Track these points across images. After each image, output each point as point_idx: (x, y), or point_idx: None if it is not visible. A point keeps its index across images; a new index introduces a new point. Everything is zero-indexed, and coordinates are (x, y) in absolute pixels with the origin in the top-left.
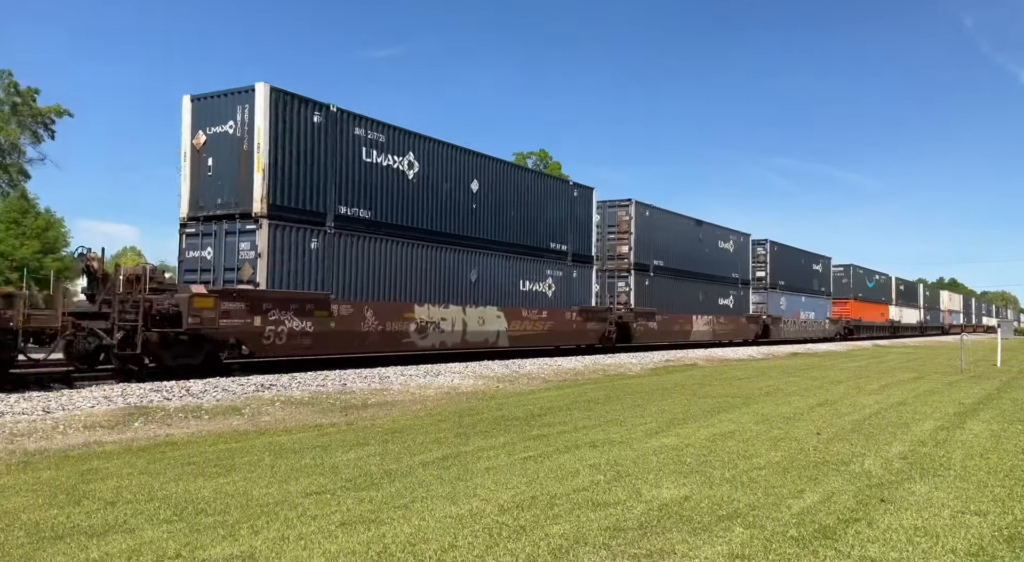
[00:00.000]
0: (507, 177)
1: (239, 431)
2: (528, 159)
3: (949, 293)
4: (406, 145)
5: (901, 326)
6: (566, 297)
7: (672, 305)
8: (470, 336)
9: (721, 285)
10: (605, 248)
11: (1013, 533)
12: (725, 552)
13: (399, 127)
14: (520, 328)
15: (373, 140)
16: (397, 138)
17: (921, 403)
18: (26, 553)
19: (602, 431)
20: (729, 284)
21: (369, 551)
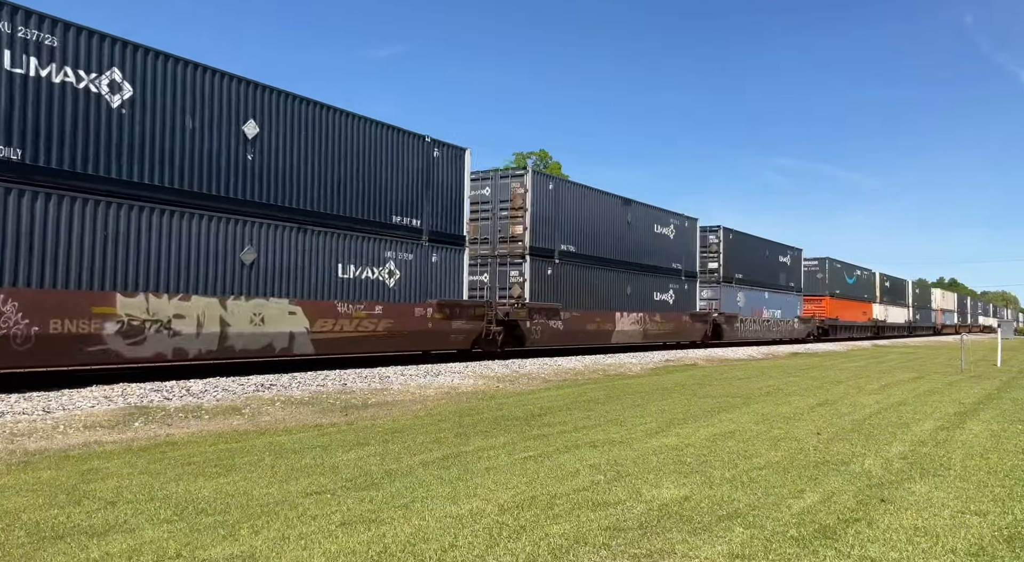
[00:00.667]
0: (312, 121)
1: (239, 431)
2: (528, 159)
3: (941, 291)
4: (108, 57)
5: (886, 326)
6: (419, 288)
7: (587, 300)
8: (238, 340)
9: (658, 277)
10: (496, 228)
11: (1013, 533)
12: (725, 552)
13: (94, 30)
14: (334, 329)
15: (33, 42)
16: (88, 45)
17: (921, 403)
18: (26, 553)
19: (602, 431)
20: (669, 276)
21: (369, 551)
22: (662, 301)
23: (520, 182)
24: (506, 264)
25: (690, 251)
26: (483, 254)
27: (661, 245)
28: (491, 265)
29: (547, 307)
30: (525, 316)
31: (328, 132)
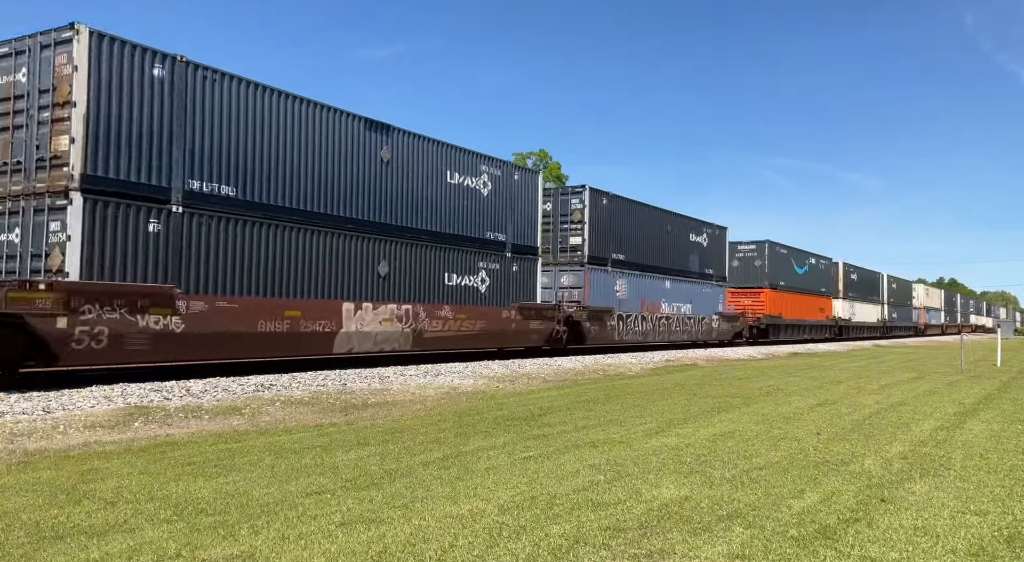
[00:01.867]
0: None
1: (239, 431)
2: (528, 159)
3: (925, 287)
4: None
5: (852, 325)
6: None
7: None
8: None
9: (462, 250)
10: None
11: (1013, 533)
12: (725, 552)
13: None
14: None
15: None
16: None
17: (921, 403)
18: (26, 553)
19: (602, 431)
20: (480, 249)
21: (369, 551)
22: (469, 287)
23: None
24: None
25: (524, 216)
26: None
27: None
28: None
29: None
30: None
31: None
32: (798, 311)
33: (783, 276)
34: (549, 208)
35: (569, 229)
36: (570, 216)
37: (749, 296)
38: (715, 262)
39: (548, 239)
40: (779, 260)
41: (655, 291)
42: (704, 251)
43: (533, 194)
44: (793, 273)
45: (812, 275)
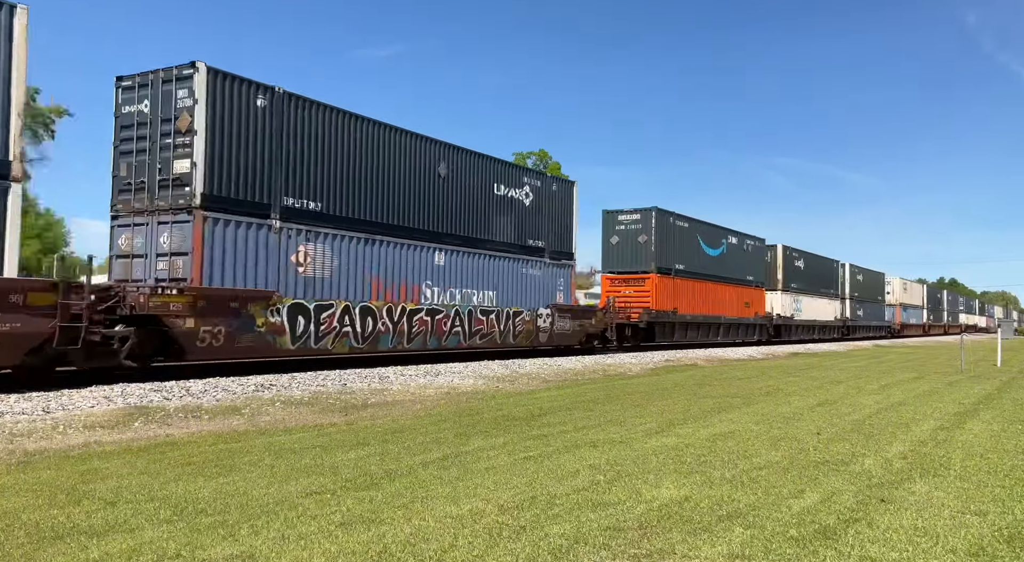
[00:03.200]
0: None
1: (239, 431)
2: (528, 159)
3: (903, 281)
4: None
5: (795, 324)
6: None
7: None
8: None
9: None
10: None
11: (1013, 533)
12: (725, 552)
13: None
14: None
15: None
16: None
17: (921, 403)
18: (26, 553)
19: (602, 431)
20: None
21: (369, 551)
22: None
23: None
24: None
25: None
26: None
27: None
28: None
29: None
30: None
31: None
32: (707, 304)
33: (683, 258)
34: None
35: (173, 145)
36: (174, 122)
37: (632, 284)
38: (553, 230)
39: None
40: (676, 236)
41: (410, 267)
42: (528, 212)
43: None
44: (700, 255)
45: (731, 259)
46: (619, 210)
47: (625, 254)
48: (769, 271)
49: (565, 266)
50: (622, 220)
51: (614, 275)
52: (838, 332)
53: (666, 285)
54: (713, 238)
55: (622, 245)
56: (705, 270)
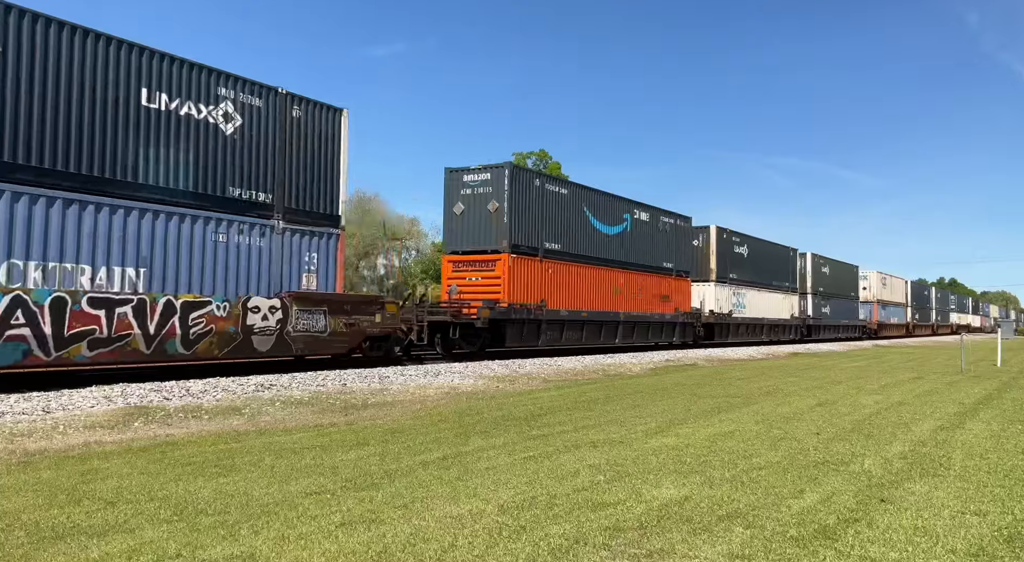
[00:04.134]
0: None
1: (239, 431)
2: (528, 159)
3: (881, 275)
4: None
5: (734, 322)
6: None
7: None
8: None
9: None
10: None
11: (1013, 533)
12: (725, 552)
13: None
14: None
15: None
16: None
17: (921, 403)
18: (26, 553)
19: (602, 431)
20: None
21: (369, 551)
22: None
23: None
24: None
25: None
26: (466, 251)
27: None
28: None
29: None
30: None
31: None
32: (598, 297)
33: (558, 234)
34: None
35: None
36: None
37: (479, 269)
38: (296, 177)
39: None
40: (545, 205)
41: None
42: (234, 145)
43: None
44: (588, 232)
45: (639, 240)
46: (465, 168)
47: (471, 228)
48: (699, 258)
49: (323, 235)
50: (469, 182)
51: (457, 257)
52: (795, 332)
53: (526, 270)
54: (609, 211)
55: (468, 216)
56: (595, 253)
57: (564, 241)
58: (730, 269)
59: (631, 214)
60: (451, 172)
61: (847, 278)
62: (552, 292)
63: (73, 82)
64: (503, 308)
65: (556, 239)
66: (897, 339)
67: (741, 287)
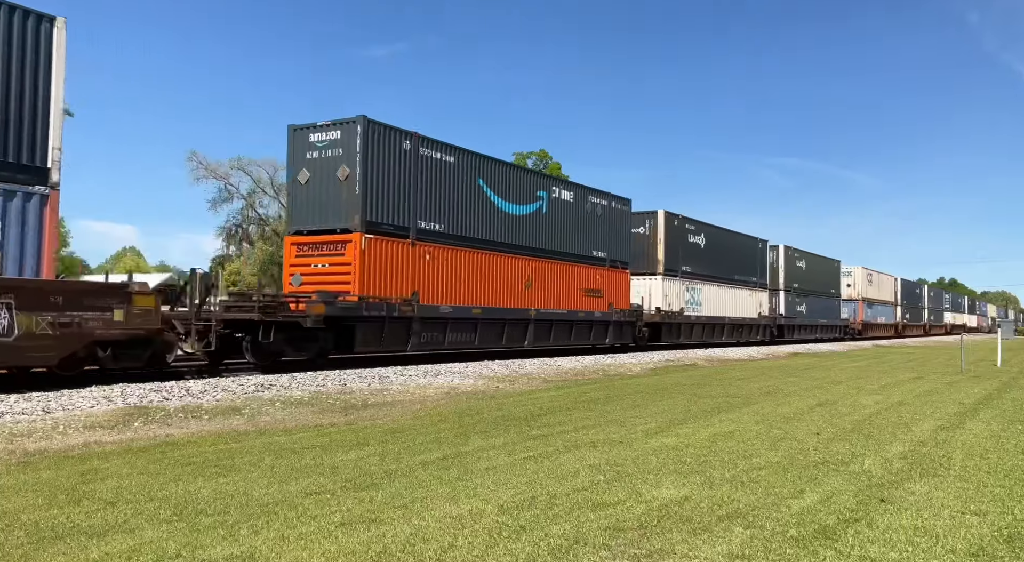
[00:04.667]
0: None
1: (239, 431)
2: (528, 159)
3: (867, 271)
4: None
5: (686, 321)
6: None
7: None
8: None
9: None
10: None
11: (1013, 533)
12: (725, 552)
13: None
14: None
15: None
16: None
17: (921, 403)
18: (26, 553)
19: (602, 431)
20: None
21: (369, 551)
22: None
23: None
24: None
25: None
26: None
27: None
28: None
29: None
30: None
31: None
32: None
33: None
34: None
35: None
36: None
37: (326, 252)
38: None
39: None
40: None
41: None
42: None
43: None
44: (486, 210)
45: (559, 223)
46: (312, 124)
47: (318, 201)
48: (645, 248)
49: (15, 194)
50: (316, 142)
51: (301, 238)
52: (764, 333)
53: (389, 255)
54: (517, 187)
55: (315, 185)
56: (496, 237)
57: (450, 221)
58: (683, 261)
59: (547, 192)
60: (295, 131)
61: (827, 274)
62: (431, 284)
63: None
64: (349, 303)
65: (438, 218)
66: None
67: (697, 281)
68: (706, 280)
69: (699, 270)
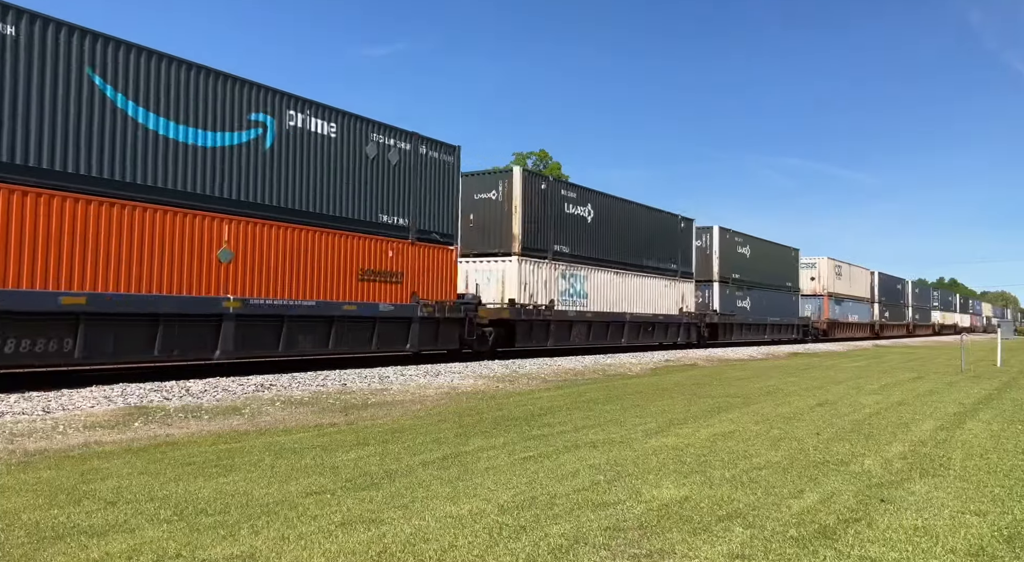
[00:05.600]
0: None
1: (239, 431)
2: (528, 159)
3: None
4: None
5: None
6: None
7: None
8: None
9: None
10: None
11: (1013, 533)
12: (725, 552)
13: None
14: None
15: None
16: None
17: (921, 403)
18: (26, 553)
19: (602, 431)
20: None
21: (369, 551)
22: None
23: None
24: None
25: None
26: None
27: None
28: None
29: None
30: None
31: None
32: (148, 271)
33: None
34: None
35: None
36: None
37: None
38: None
39: None
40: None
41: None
42: None
43: None
44: (118, 131)
45: (303, 167)
46: None
47: None
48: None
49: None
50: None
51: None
52: (688, 333)
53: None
54: (199, 100)
55: None
56: (144, 178)
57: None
58: (556, 239)
59: (276, 116)
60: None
61: (781, 264)
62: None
63: None
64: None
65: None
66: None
67: (579, 266)
68: (596, 265)
69: (584, 252)
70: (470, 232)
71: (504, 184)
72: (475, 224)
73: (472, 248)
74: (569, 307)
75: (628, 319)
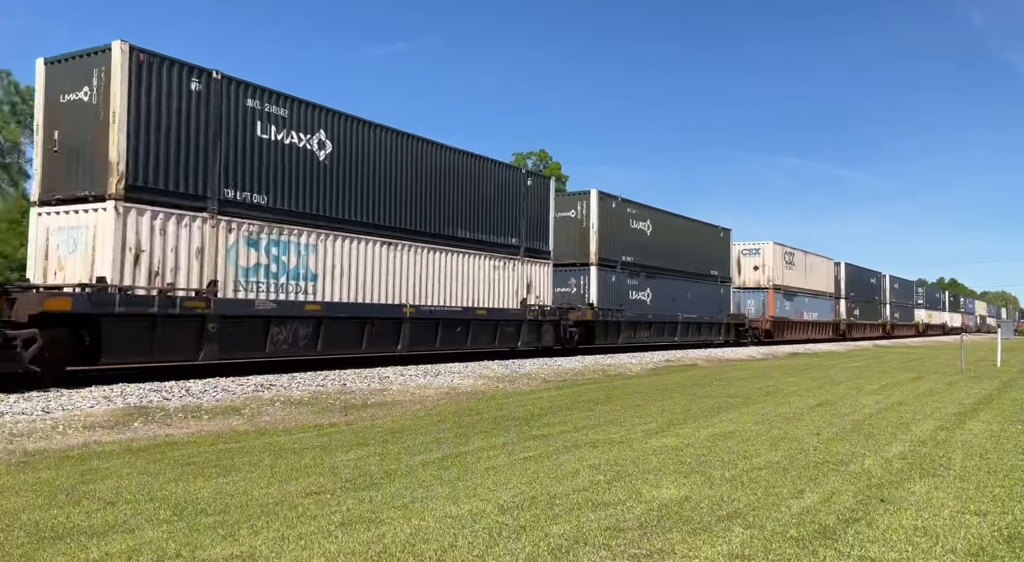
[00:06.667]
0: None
1: (239, 431)
2: (528, 159)
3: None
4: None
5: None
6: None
7: None
8: None
9: None
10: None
11: (1013, 533)
12: (725, 552)
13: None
14: None
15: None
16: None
17: (921, 403)
18: (26, 553)
19: (602, 431)
20: None
21: (369, 551)
22: None
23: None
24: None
25: None
26: None
27: None
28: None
29: None
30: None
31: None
32: None
33: None
34: None
35: None
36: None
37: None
38: None
39: None
40: None
41: None
42: None
43: None
44: None
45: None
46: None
47: None
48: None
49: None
50: None
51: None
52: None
53: None
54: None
55: None
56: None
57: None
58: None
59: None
60: None
61: (703, 247)
62: None
63: None
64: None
65: None
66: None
67: (303, 229)
68: (350, 232)
69: (330, 212)
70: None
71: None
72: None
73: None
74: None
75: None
